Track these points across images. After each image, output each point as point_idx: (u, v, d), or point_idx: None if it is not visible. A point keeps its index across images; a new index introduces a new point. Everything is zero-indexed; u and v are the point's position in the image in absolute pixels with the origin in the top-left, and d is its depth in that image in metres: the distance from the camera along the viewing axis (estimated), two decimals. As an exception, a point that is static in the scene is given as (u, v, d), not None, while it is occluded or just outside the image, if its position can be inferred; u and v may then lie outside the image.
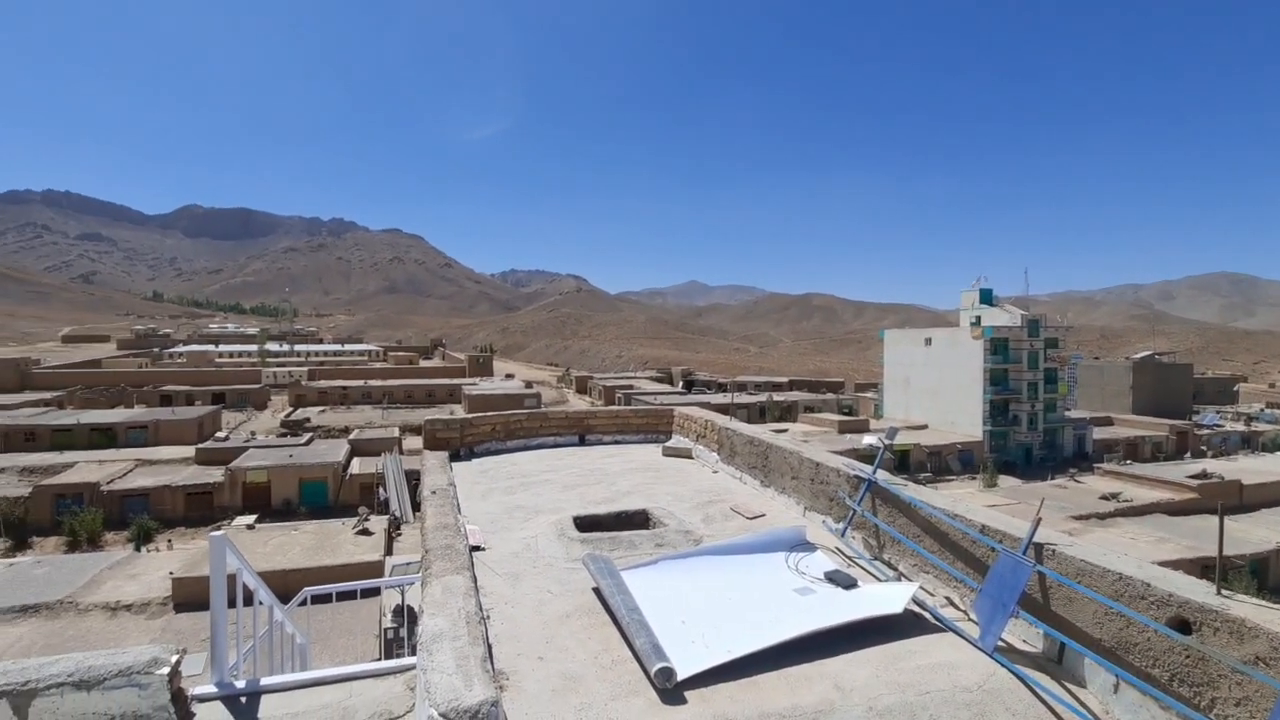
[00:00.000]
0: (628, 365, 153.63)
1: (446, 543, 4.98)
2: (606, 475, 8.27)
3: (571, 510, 6.47)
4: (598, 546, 5.48)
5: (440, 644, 3.24)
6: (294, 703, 3.54)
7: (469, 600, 3.84)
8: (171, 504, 38.57)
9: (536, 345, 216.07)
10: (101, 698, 3.09)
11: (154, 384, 79.16)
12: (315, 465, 41.62)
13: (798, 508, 6.66)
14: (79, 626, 23.39)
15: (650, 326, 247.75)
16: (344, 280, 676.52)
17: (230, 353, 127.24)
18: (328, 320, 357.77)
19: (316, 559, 26.37)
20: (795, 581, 4.81)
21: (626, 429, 10.46)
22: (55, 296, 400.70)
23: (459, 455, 9.12)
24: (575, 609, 4.51)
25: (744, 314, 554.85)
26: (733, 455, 8.25)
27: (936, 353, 61.53)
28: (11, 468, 41.77)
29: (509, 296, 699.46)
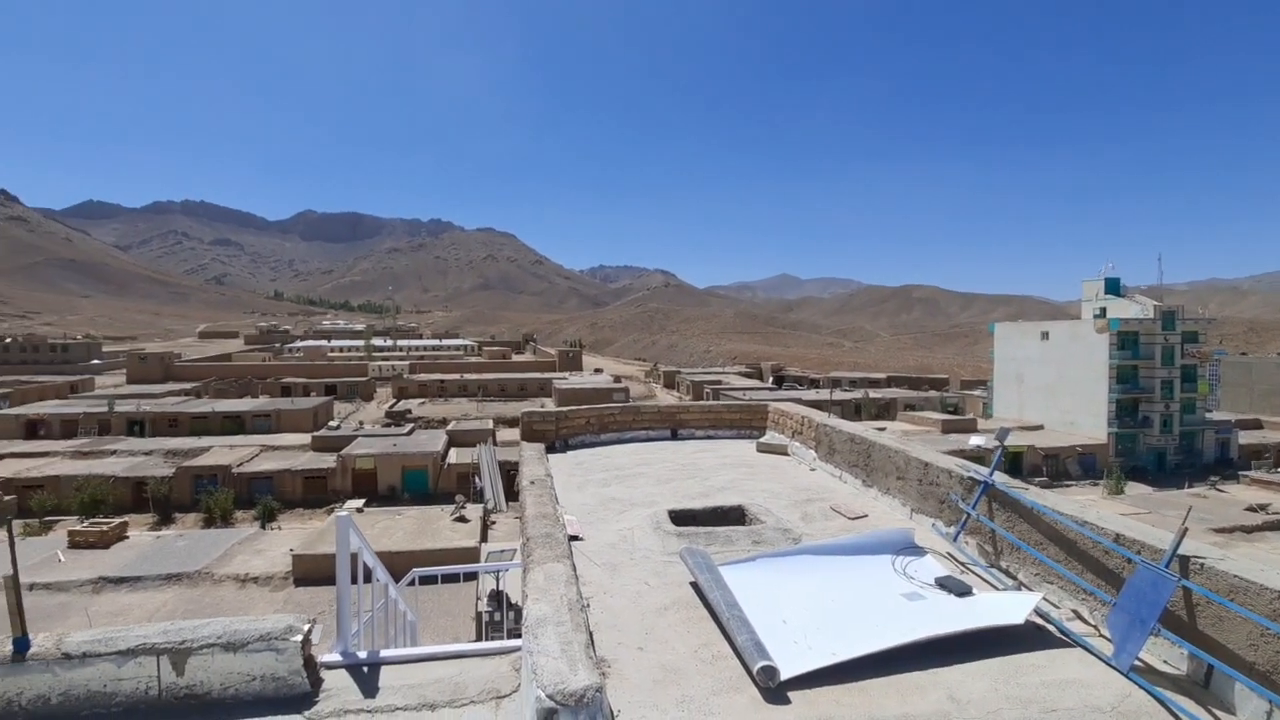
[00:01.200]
0: (716, 360, 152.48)
1: (546, 531, 5.11)
2: (700, 470, 8.24)
3: (666, 504, 6.48)
4: (693, 541, 5.46)
5: (545, 628, 3.32)
6: (410, 675, 3.73)
7: (570, 588, 3.92)
8: (291, 487, 41.59)
9: (624, 340, 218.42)
10: (245, 659, 3.39)
11: (275, 376, 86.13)
12: (417, 454, 43.77)
13: (903, 509, 6.37)
14: (214, 595, 25.87)
15: (739, 321, 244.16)
16: (441, 278, 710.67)
17: (341, 348, 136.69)
18: (427, 317, 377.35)
19: (419, 542, 27.88)
20: (903, 586, 4.61)
21: (719, 424, 10.38)
22: (193, 297, 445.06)
23: (554, 447, 9.36)
24: (673, 602, 4.51)
25: (838, 307, 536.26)
26: (832, 453, 7.99)
27: (1054, 347, 56.88)
28: (158, 450, 46.54)
29: (597, 292, 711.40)
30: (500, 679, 3.72)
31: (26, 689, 3.21)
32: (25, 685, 3.21)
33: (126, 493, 39.29)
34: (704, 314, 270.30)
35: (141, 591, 25.77)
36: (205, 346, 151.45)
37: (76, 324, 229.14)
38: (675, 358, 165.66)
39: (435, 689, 3.56)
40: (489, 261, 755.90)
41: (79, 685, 3.24)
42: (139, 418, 55.78)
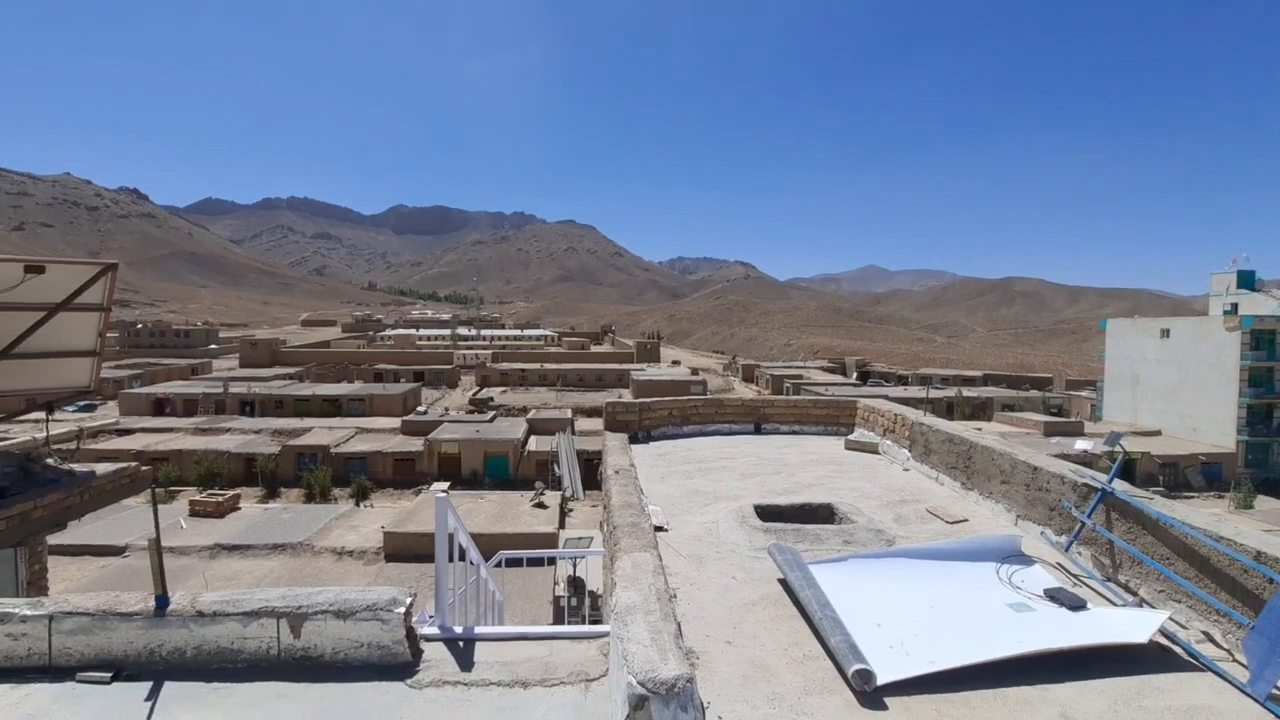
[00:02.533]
0: (796, 354, 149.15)
1: (632, 520, 5.13)
2: (785, 466, 8.07)
3: (751, 499, 6.39)
4: (781, 537, 5.35)
5: (634, 616, 3.33)
6: (502, 652, 3.84)
7: (658, 578, 3.91)
8: (382, 467, 43.71)
9: (702, 332, 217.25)
10: (354, 626, 3.59)
11: (369, 363, 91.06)
12: (498, 441, 45.09)
13: (1008, 515, 6.00)
14: (313, 566, 27.72)
15: (822, 314, 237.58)
16: (523, 269, 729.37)
17: (428, 336, 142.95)
18: (509, 307, 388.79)
19: (499, 526, 28.83)
20: (1009, 596, 4.35)
21: (805, 420, 10.12)
22: (296, 287, 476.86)
23: (637, 438, 9.41)
24: (761, 598, 4.44)
25: (929, 301, 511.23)
26: (927, 453, 7.63)
27: (1176, 346, 52.00)
28: (266, 429, 50.16)
29: (676, 284, 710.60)
30: (589, 662, 3.77)
31: (166, 641, 3.52)
32: (165, 638, 3.52)
33: (239, 467, 42.50)
34: (785, 306, 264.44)
35: (251, 559, 27.97)
36: (307, 334, 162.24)
37: (196, 312, 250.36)
38: (754, 351, 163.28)
39: (526, 667, 3.66)
40: (569, 253, 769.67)
41: (210, 641, 3.53)
42: (250, 399, 60.36)
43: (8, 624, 3.48)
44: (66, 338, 7.20)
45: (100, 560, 26.48)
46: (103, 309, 7.24)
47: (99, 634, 3.50)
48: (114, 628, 3.50)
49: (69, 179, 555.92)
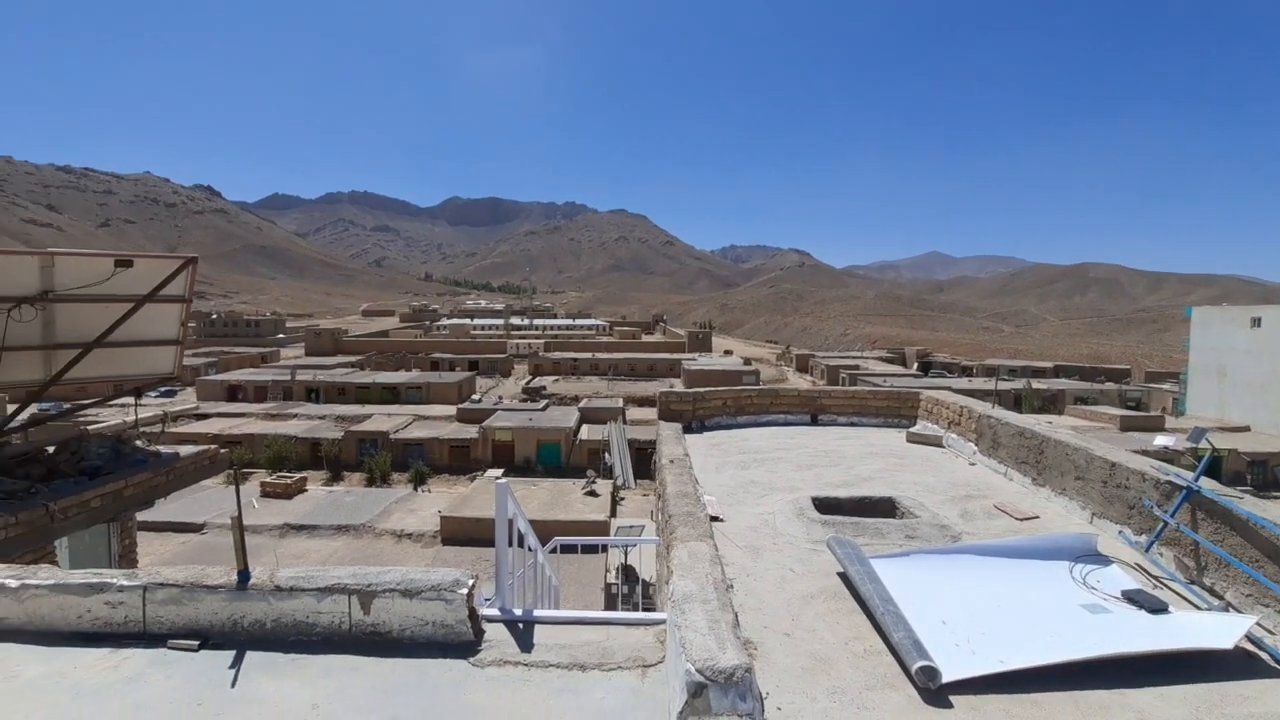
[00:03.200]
0: (853, 344, 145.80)
1: (688, 510, 5.13)
2: (844, 458, 7.91)
3: (808, 490, 6.29)
4: (840, 530, 5.25)
5: (691, 605, 3.34)
6: (560, 635, 3.90)
7: (715, 567, 3.90)
8: (439, 453, 44.94)
9: (755, 322, 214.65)
10: (419, 605, 3.71)
11: (426, 352, 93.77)
12: (551, 429, 45.75)
13: (1082, 513, 5.73)
14: (375, 547, 28.82)
15: (880, 303, 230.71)
16: (575, 259, 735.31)
17: (482, 326, 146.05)
18: (561, 297, 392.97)
19: (552, 513, 29.32)
20: (1083, 596, 4.17)
21: (864, 411, 9.88)
22: (357, 278, 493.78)
23: (691, 427, 9.38)
24: (819, 591, 4.38)
25: (996, 288, 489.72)
26: (995, 447, 7.35)
27: (1270, 336, 48.26)
28: (330, 415, 52.26)
29: (728, 273, 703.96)
30: (645, 649, 3.80)
31: (247, 614, 3.72)
32: (246, 610, 3.72)
33: (305, 451, 44.43)
34: (841, 295, 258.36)
35: (318, 538, 29.30)
36: (367, 324, 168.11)
37: (265, 303, 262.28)
38: (809, 341, 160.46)
39: (584, 651, 3.70)
40: (621, 243, 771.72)
41: (287, 614, 3.71)
42: (315, 386, 62.96)
43: (106, 593, 3.74)
44: (152, 327, 7.66)
45: (181, 536, 28.19)
46: (184, 300, 7.66)
47: (187, 604, 3.72)
48: (200, 599, 3.72)
49: (149, 178, 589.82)
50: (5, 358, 6.50)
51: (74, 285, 6.56)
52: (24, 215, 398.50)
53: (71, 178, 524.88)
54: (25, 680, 3.31)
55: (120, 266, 6.57)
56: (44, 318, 6.74)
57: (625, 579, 11.42)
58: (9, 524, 5.29)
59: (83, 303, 6.78)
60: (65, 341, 7.08)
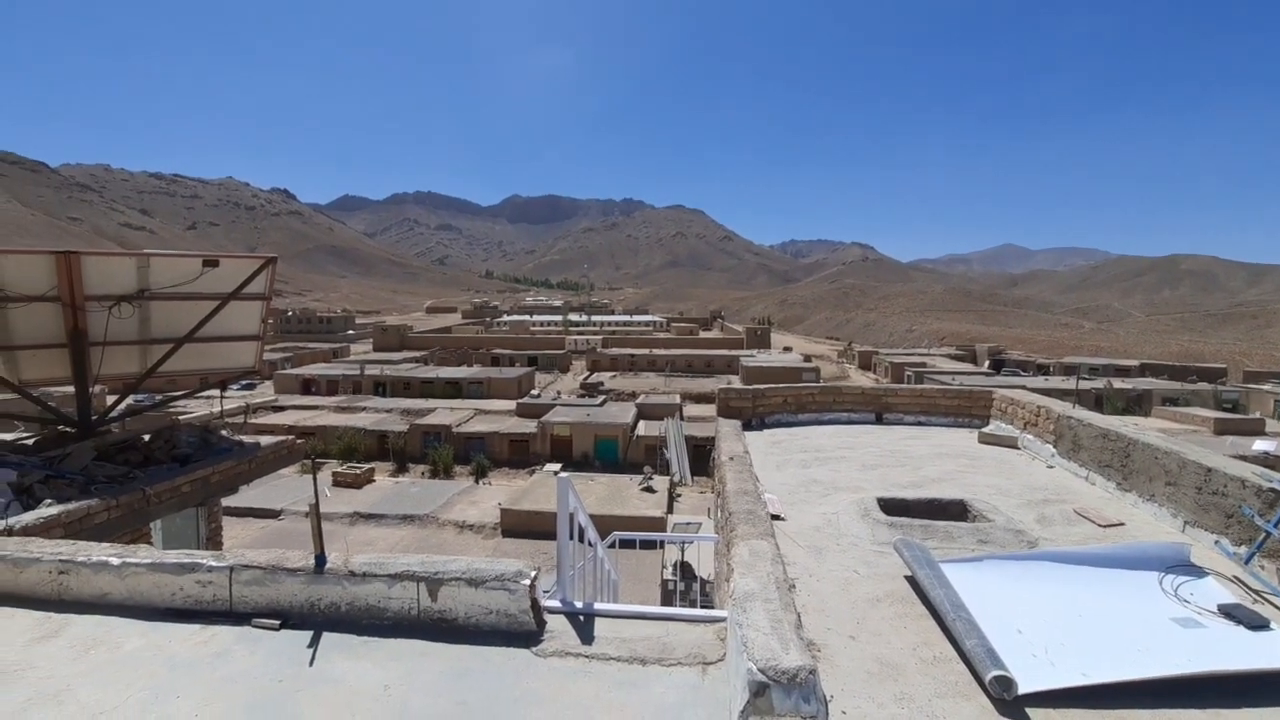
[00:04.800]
0: (919, 341, 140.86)
1: (748, 508, 5.06)
2: (911, 458, 7.65)
3: (873, 491, 6.11)
4: (907, 533, 5.09)
5: (753, 603, 3.30)
6: (620, 629, 3.92)
7: (777, 566, 3.84)
8: (499, 447, 45.80)
9: (816, 318, 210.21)
10: (484, 594, 3.79)
11: (486, 347, 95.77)
12: (608, 425, 45.91)
13: (1173, 521, 5.36)
14: (438, 537, 29.68)
15: (949, 298, 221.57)
16: (632, 255, 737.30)
17: (541, 322, 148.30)
18: (618, 293, 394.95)
19: (609, 508, 29.51)
20: (1174, 609, 3.90)
21: (932, 410, 9.53)
22: (421, 276, 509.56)
23: (750, 425, 9.26)
24: (886, 594, 4.25)
25: (1076, 282, 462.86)
26: (1076, 449, 6.96)
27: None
28: (396, 409, 53.96)
29: (788, 268, 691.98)
30: (705, 646, 3.77)
31: (324, 597, 3.89)
32: (323, 594, 3.89)
33: (373, 443, 46.09)
34: (907, 290, 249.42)
35: (385, 527, 30.42)
36: (431, 320, 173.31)
37: (336, 300, 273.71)
38: (872, 337, 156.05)
39: (644, 646, 3.71)
40: (678, 239, 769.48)
41: (360, 598, 3.86)
42: (382, 380, 65.27)
43: (197, 572, 3.98)
44: (236, 324, 8.11)
45: (260, 521, 29.79)
46: (264, 298, 8.07)
47: (269, 586, 3.92)
48: (281, 581, 3.91)
49: (231, 182, 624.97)
50: (106, 352, 7.00)
51: (166, 284, 7.02)
52: (120, 219, 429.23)
53: (162, 183, 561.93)
54: (127, 651, 3.56)
55: (207, 266, 6.99)
56: (140, 315, 7.23)
57: (682, 576, 11.37)
58: (111, 506, 5.71)
59: (174, 300, 7.25)
60: (158, 337, 7.58)
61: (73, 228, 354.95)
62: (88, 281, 6.61)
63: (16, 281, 6.37)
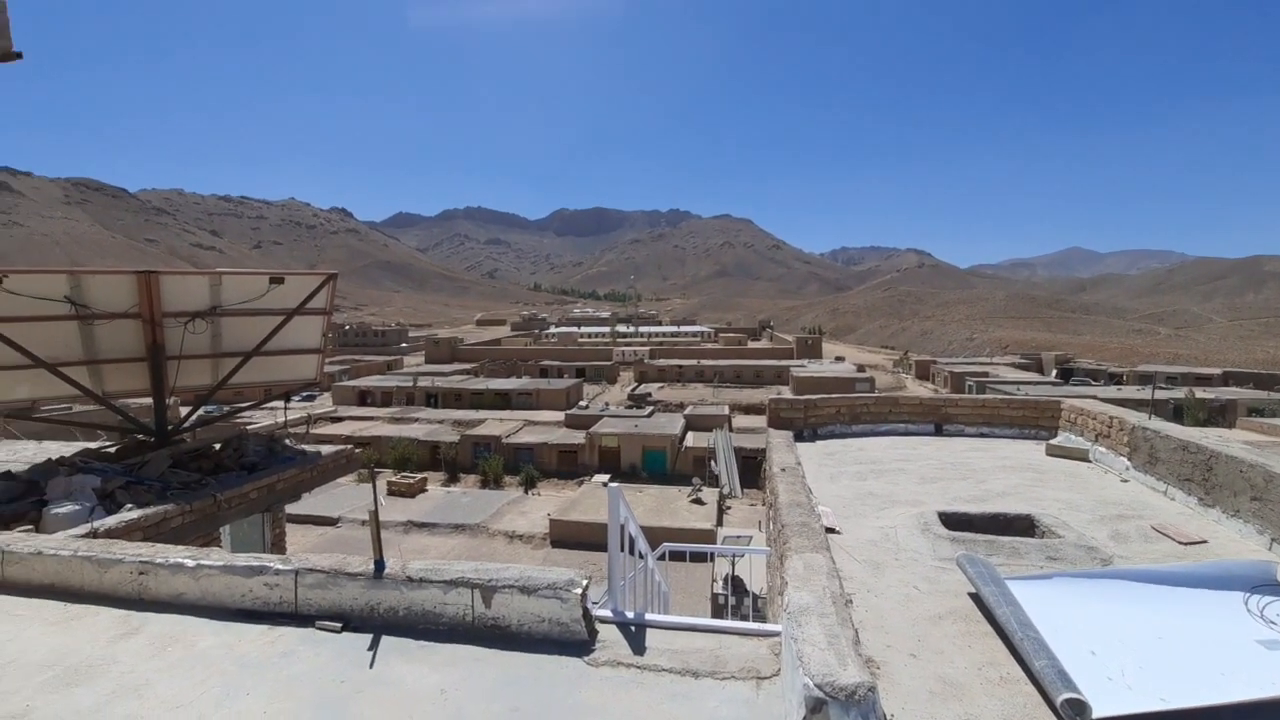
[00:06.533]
0: (980, 349, 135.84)
1: (802, 520, 4.97)
2: (973, 471, 7.37)
3: (934, 505, 5.91)
4: (971, 548, 4.89)
5: (809, 618, 3.23)
6: (672, 641, 3.88)
7: (832, 581, 3.75)
8: (547, 458, 46.11)
9: (869, 326, 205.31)
10: (536, 602, 3.82)
11: (535, 359, 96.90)
12: (656, 435, 45.71)
13: (1259, 538, 5.01)
14: (489, 546, 30.06)
15: (1012, 304, 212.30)
16: (679, 266, 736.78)
17: (589, 333, 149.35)
18: (665, 304, 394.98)
19: (658, 519, 29.34)
20: (1259, 631, 3.64)
21: (995, 421, 9.16)
22: (471, 289, 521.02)
23: (802, 435, 9.09)
24: (948, 612, 4.09)
25: (1150, 286, 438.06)
26: (1153, 462, 6.59)
27: None
28: (448, 420, 55.01)
29: (839, 276, 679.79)
30: (759, 660, 3.70)
31: (383, 601, 3.99)
32: (382, 598, 3.99)
33: (425, 453, 47.05)
34: (966, 296, 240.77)
35: (438, 535, 31.03)
36: (481, 332, 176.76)
37: (390, 314, 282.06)
38: (929, 346, 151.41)
39: (696, 658, 3.66)
40: (725, 248, 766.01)
41: (417, 604, 3.94)
42: (434, 392, 66.77)
43: (265, 575, 4.14)
44: (299, 338, 8.46)
45: (319, 529, 30.80)
46: (325, 313, 8.40)
47: (331, 589, 4.04)
48: (343, 585, 4.03)
49: (293, 203, 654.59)
50: (181, 366, 7.41)
51: (236, 301, 7.39)
52: (192, 240, 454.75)
53: (230, 205, 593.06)
54: (200, 649, 3.72)
55: (273, 283, 7.32)
56: (212, 330, 7.63)
57: (733, 590, 11.21)
58: (185, 511, 6.01)
59: (242, 316, 7.62)
60: (228, 351, 7.97)
61: (149, 249, 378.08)
62: (165, 299, 7.01)
63: (102, 300, 6.80)
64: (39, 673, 3.51)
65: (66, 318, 6.74)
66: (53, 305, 6.53)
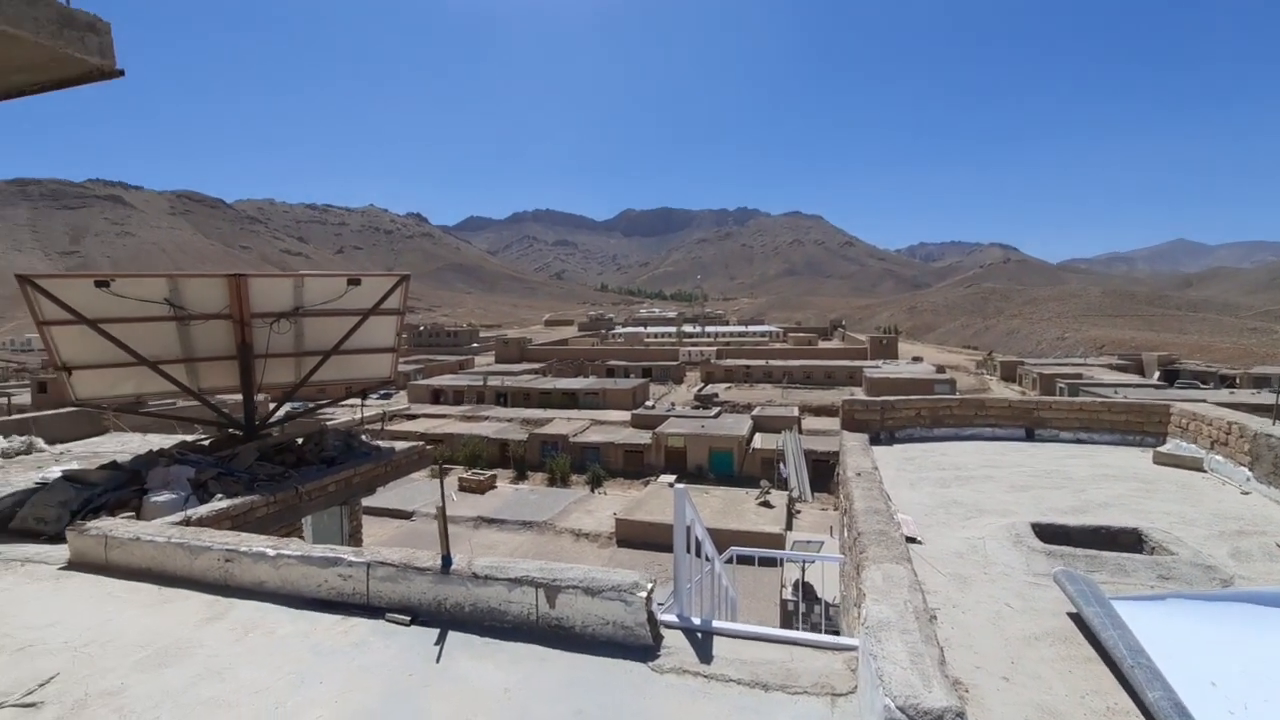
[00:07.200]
0: (1073, 349, 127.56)
1: (880, 528, 4.70)
2: (1070, 480, 6.82)
3: (1026, 515, 5.48)
4: (1070, 564, 4.49)
5: (889, 634, 3.03)
6: (740, 650, 3.73)
7: (915, 594, 3.52)
8: (614, 457, 46.16)
9: (950, 325, 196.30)
10: (600, 604, 3.75)
11: (602, 359, 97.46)
12: (723, 436, 44.99)
13: None
14: (556, 544, 30.37)
15: (1108, 301, 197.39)
16: (747, 265, 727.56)
17: (655, 333, 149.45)
18: (733, 304, 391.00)
19: (725, 522, 28.88)
20: None
21: (1094, 426, 8.45)
22: (540, 290, 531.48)
23: (879, 439, 8.67)
24: (1045, 633, 3.75)
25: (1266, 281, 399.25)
26: (1278, 473, 5.91)
27: None
28: (516, 418, 55.91)
29: (916, 273, 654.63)
30: (834, 675, 3.50)
31: (449, 596, 4.01)
32: (449, 593, 4.01)
33: (495, 451, 48.01)
34: (1057, 293, 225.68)
35: (506, 532, 31.64)
36: (549, 333, 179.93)
37: (462, 315, 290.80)
38: (1016, 346, 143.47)
39: (766, 670, 3.50)
40: (795, 246, 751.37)
41: (483, 600, 3.94)
42: (503, 391, 68.31)
43: (339, 566, 4.25)
44: (374, 337, 8.75)
45: (395, 521, 31.98)
46: (399, 313, 8.66)
47: (401, 583, 4.11)
48: (412, 579, 4.08)
49: (372, 209, 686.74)
50: (268, 364, 7.78)
51: (317, 302, 7.71)
52: (281, 246, 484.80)
53: (315, 213, 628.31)
54: (279, 636, 3.85)
55: (351, 284, 7.60)
56: (295, 330, 7.98)
57: (804, 597, 10.86)
58: (270, 502, 6.29)
59: (322, 316, 7.94)
60: (309, 350, 8.33)
61: (244, 255, 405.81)
62: (253, 300, 7.38)
63: (198, 302, 7.23)
64: (134, 652, 3.71)
65: (166, 319, 7.20)
66: (154, 307, 6.99)
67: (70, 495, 5.86)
